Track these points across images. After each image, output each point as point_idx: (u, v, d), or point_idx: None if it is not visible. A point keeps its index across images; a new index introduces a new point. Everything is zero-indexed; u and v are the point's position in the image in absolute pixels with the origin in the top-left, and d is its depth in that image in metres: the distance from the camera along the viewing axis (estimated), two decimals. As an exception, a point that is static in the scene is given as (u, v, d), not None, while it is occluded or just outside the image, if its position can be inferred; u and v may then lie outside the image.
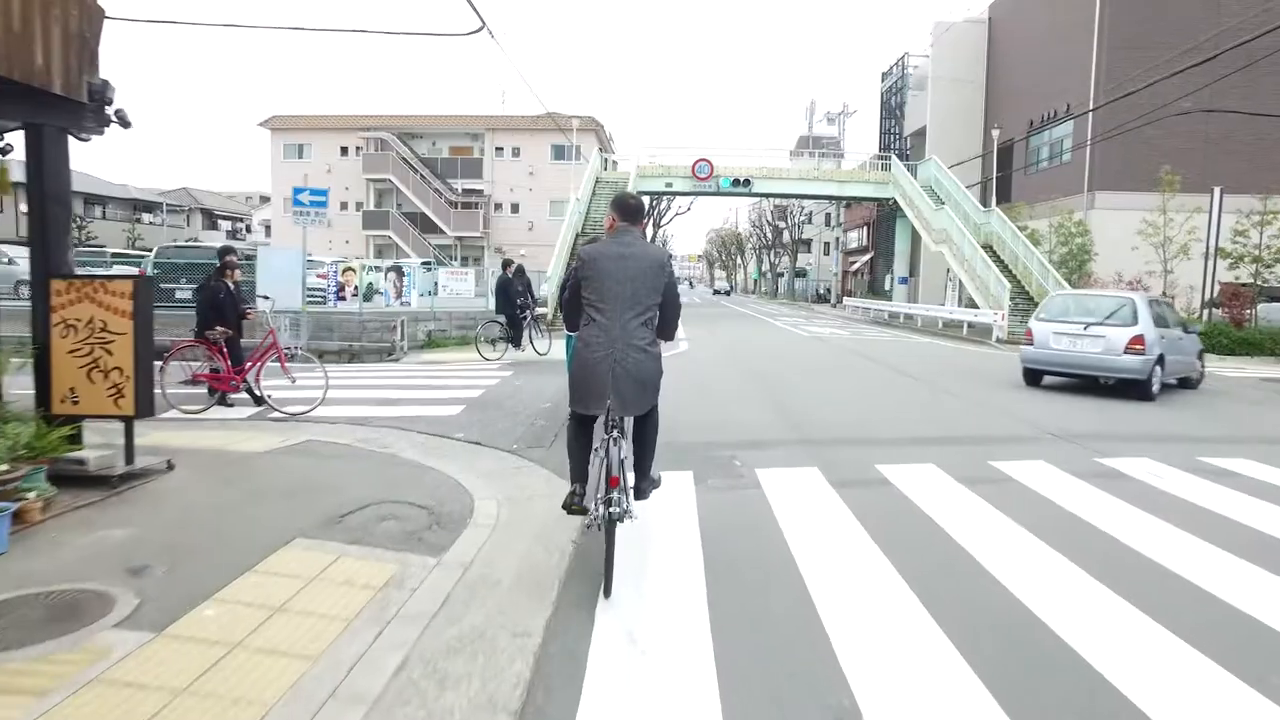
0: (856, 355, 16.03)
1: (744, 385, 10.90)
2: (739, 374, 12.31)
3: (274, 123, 46.30)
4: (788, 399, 9.66)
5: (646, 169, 32.20)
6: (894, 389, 11.00)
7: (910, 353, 17.28)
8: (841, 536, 4.51)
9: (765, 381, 11.41)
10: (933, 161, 30.96)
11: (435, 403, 9.01)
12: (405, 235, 44.70)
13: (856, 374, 12.82)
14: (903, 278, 32.88)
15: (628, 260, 3.78)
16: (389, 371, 12.52)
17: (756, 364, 13.91)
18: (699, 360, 14.08)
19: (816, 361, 14.75)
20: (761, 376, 12.03)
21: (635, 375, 3.69)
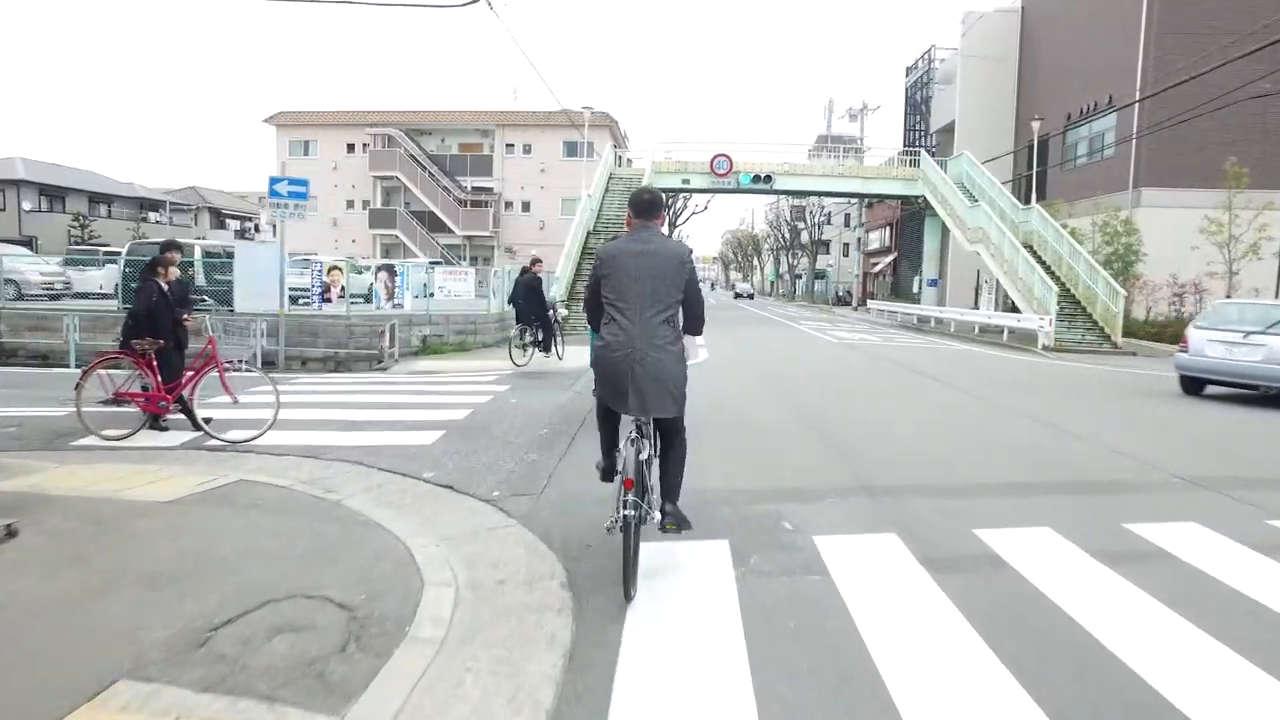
0: (898, 366, 14.44)
1: (778, 406, 9.35)
2: (770, 390, 10.76)
3: (280, 119, 45.16)
4: (834, 426, 8.10)
5: (662, 165, 30.68)
6: (960, 412, 9.39)
7: (955, 363, 15.68)
8: (961, 666, 2.96)
9: (802, 401, 9.86)
10: (964, 157, 29.29)
11: (411, 426, 7.52)
12: (413, 234, 43.42)
13: (907, 391, 11.24)
14: (932, 279, 31.21)
15: (647, 257, 3.69)
16: (371, 383, 11.06)
17: (788, 377, 12.36)
18: (722, 373, 12.55)
19: (856, 375, 13.18)
20: (797, 394, 10.49)
21: (655, 374, 3.61)
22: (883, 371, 13.59)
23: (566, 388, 10.18)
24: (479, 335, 16.32)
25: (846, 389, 11.22)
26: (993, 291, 24.34)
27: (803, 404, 9.53)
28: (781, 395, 10.27)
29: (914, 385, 11.80)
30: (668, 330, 3.67)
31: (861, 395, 10.55)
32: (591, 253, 22.96)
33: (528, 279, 13.59)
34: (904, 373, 13.38)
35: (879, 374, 13.21)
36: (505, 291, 17.78)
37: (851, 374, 13.25)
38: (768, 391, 10.62)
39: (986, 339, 21.96)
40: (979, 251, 24.40)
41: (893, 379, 12.55)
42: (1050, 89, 33.23)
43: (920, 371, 13.50)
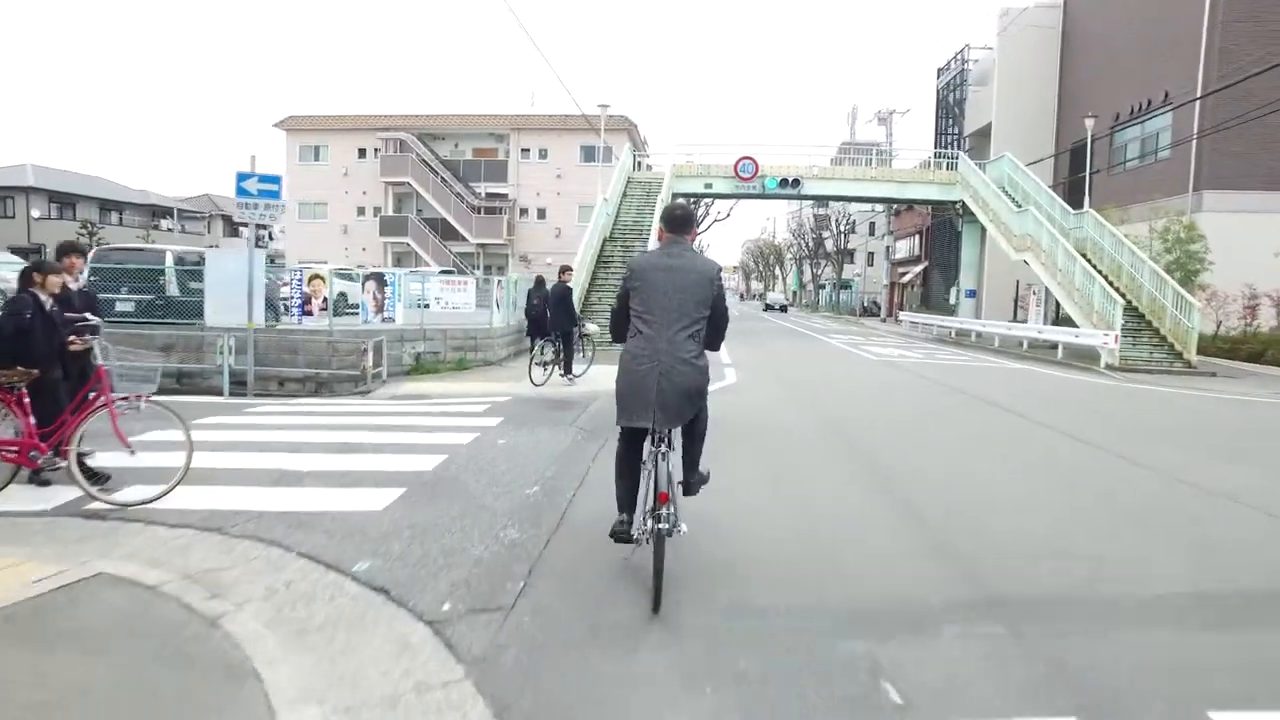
0: (957, 392, 12.62)
1: (832, 455, 7.60)
2: (817, 430, 9.00)
3: (289, 123, 44.04)
4: (912, 484, 6.30)
5: (683, 169, 29.02)
6: (1063, 460, 7.51)
7: (1019, 387, 13.84)
8: None
9: (861, 445, 8.08)
10: (1006, 159, 27.39)
11: (365, 480, 5.85)
12: (425, 242, 42.07)
13: (985, 428, 9.44)
14: (970, 290, 29.27)
15: (676, 272, 3.77)
16: (343, 412, 9.42)
17: (834, 408, 10.59)
18: (754, 403, 10.81)
19: (914, 404, 11.38)
20: (851, 435, 8.71)
21: (681, 388, 3.66)
22: (942, 399, 11.78)
23: (571, 423, 8.48)
24: (480, 352, 14.69)
25: (907, 425, 9.43)
26: (1041, 304, 22.42)
27: (862, 449, 7.76)
28: (832, 437, 8.52)
29: (988, 420, 9.99)
30: (693, 345, 3.73)
31: (929, 434, 8.76)
32: (608, 261, 21.32)
33: (558, 289, 12.13)
34: (968, 401, 11.57)
35: (939, 402, 11.41)
36: (512, 303, 16.21)
37: (907, 403, 11.45)
38: (813, 431, 8.87)
39: (1037, 355, 20.05)
40: (1027, 260, 22.48)
41: (959, 410, 10.74)
42: (1095, 88, 31.25)
43: (986, 399, 11.68)
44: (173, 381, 12.76)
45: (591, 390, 11.59)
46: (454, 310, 14.47)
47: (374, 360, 12.15)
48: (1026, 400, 11.73)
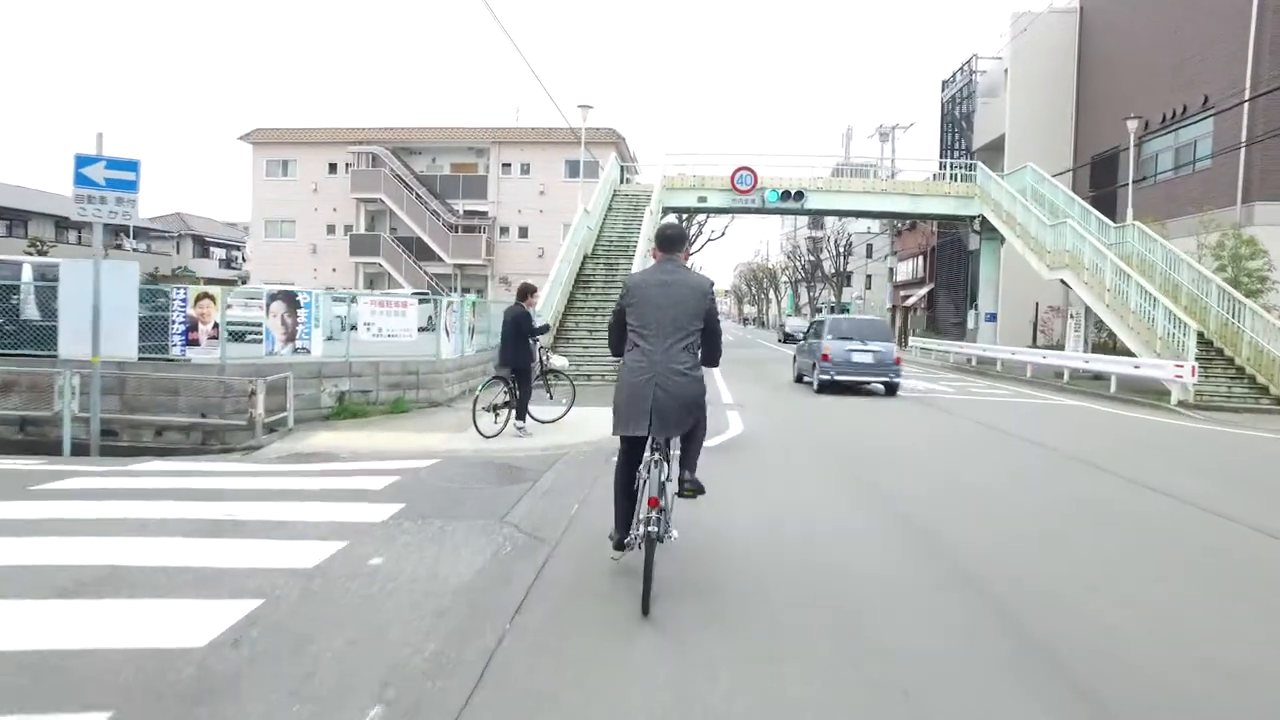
0: (1032, 446, 9.85)
1: (897, 554, 4.82)
2: (861, 510, 6.20)
3: (256, 136, 41.36)
4: (1051, 630, 3.51)
5: (674, 180, 26.41)
6: (1256, 573, 4.79)
7: (1099, 433, 11.10)
8: None
9: (936, 539, 5.28)
10: (1029, 170, 24.91)
11: (70, 679, 2.96)
12: (398, 262, 39.31)
13: (1099, 507, 6.64)
14: (990, 314, 26.62)
15: (670, 288, 3.98)
16: (178, 490, 6.51)
17: (886, 479, 7.77)
18: (767, 463, 8.02)
19: (977, 462, 8.59)
20: (916, 519, 5.90)
21: (677, 397, 3.86)
22: (1012, 455, 9.00)
23: (505, 513, 5.63)
24: (423, 390, 11.85)
25: (982, 497, 6.62)
26: (1080, 327, 19.77)
27: (943, 548, 4.94)
28: (886, 520, 5.69)
29: (1088, 486, 7.20)
30: (688, 356, 3.94)
31: (1025, 520, 5.94)
32: (588, 280, 18.61)
33: (513, 314, 9.33)
34: (1050, 459, 8.79)
35: (1012, 460, 8.62)
36: (468, 329, 13.44)
37: (968, 460, 8.65)
38: (856, 509, 6.05)
39: (1082, 388, 17.34)
40: (1064, 280, 19.87)
41: (1042, 471, 7.95)
42: (1118, 95, 28.90)
43: (1074, 455, 8.90)
44: (15, 431, 9.87)
45: (556, 445, 8.77)
46: (390, 339, 11.63)
47: (268, 404, 9.29)
48: (1123, 456, 8.96)
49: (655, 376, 3.83)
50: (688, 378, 3.90)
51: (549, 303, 15.88)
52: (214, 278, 50.07)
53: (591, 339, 16.58)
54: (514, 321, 9.27)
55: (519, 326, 9.23)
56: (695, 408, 3.99)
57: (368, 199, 40.13)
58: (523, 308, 9.32)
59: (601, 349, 16.02)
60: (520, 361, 9.32)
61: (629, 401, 3.90)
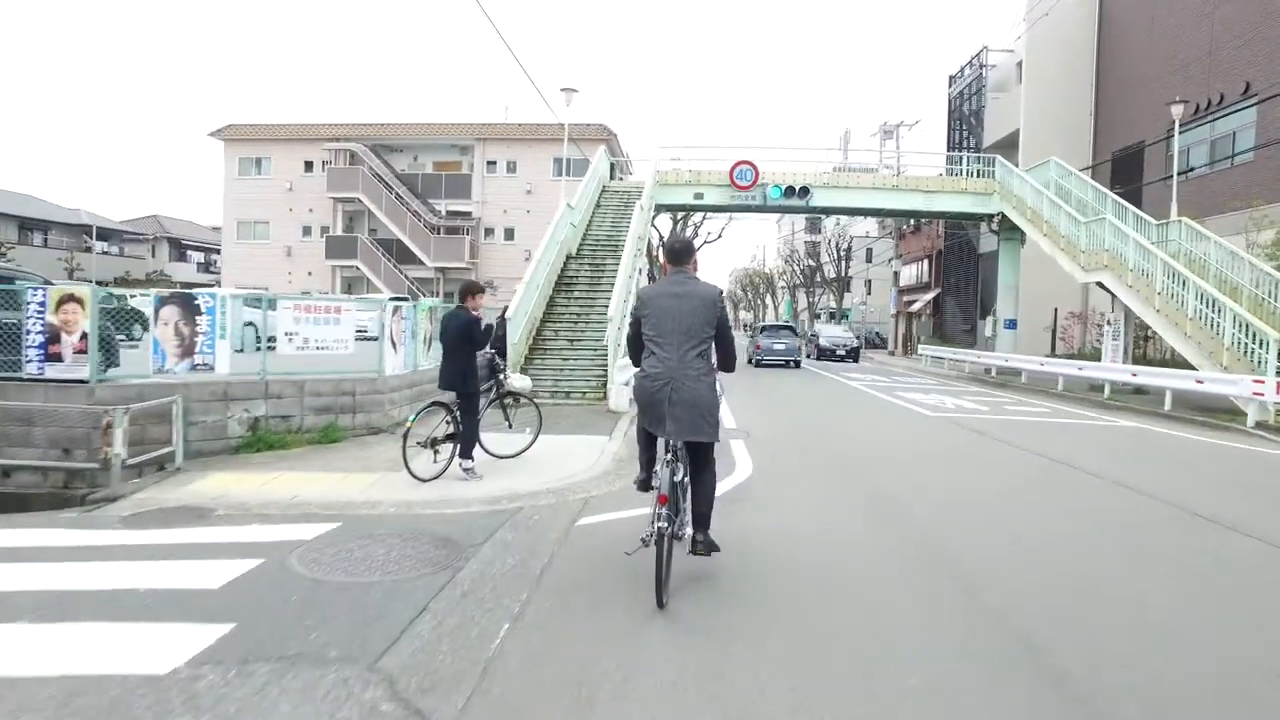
0: (1106, 484, 7.76)
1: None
2: (949, 619, 4.06)
3: (228, 133, 39.20)
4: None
5: (668, 176, 24.35)
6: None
7: (1179, 465, 9.00)
8: None
9: (1077, 679, 3.16)
10: (1052, 163, 22.89)
11: None
12: (376, 266, 37.17)
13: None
14: (1010, 320, 24.57)
15: (682, 299, 4.22)
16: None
17: (947, 539, 5.67)
18: (792, 535, 5.92)
19: (1073, 527, 6.46)
20: (1022, 629, 3.78)
21: (690, 401, 4.09)
22: (1104, 506, 6.89)
23: (377, 654, 3.47)
24: (362, 414, 9.73)
25: (1099, 587, 4.50)
26: (1118, 336, 17.72)
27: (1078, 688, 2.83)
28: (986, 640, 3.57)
29: (1250, 567, 5.10)
30: (701, 363, 4.18)
31: (1202, 651, 3.84)
32: (570, 283, 16.54)
33: (458, 320, 7.25)
34: (1144, 507, 6.68)
35: (1111, 515, 6.50)
36: (419, 338, 11.34)
37: (1054, 517, 6.54)
38: (938, 616, 3.92)
39: (1128, 405, 15.30)
40: (1102, 282, 17.83)
41: (1161, 537, 5.84)
42: (1143, 87, 27.00)
43: (1169, 500, 6.80)
44: None
45: (510, 493, 6.67)
46: (320, 351, 9.51)
47: (154, 436, 7.18)
48: (1242, 504, 6.87)
49: (670, 382, 4.11)
50: (701, 383, 4.15)
51: (522, 308, 13.78)
52: (191, 282, 47.89)
53: (573, 350, 14.47)
54: (457, 331, 7.19)
55: (463, 336, 7.15)
56: (708, 413, 4.16)
57: (345, 199, 37.99)
58: (468, 312, 7.23)
59: (584, 361, 13.93)
60: (466, 383, 7.23)
61: (647, 406, 4.22)
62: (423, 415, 7.23)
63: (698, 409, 4.10)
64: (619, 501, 6.50)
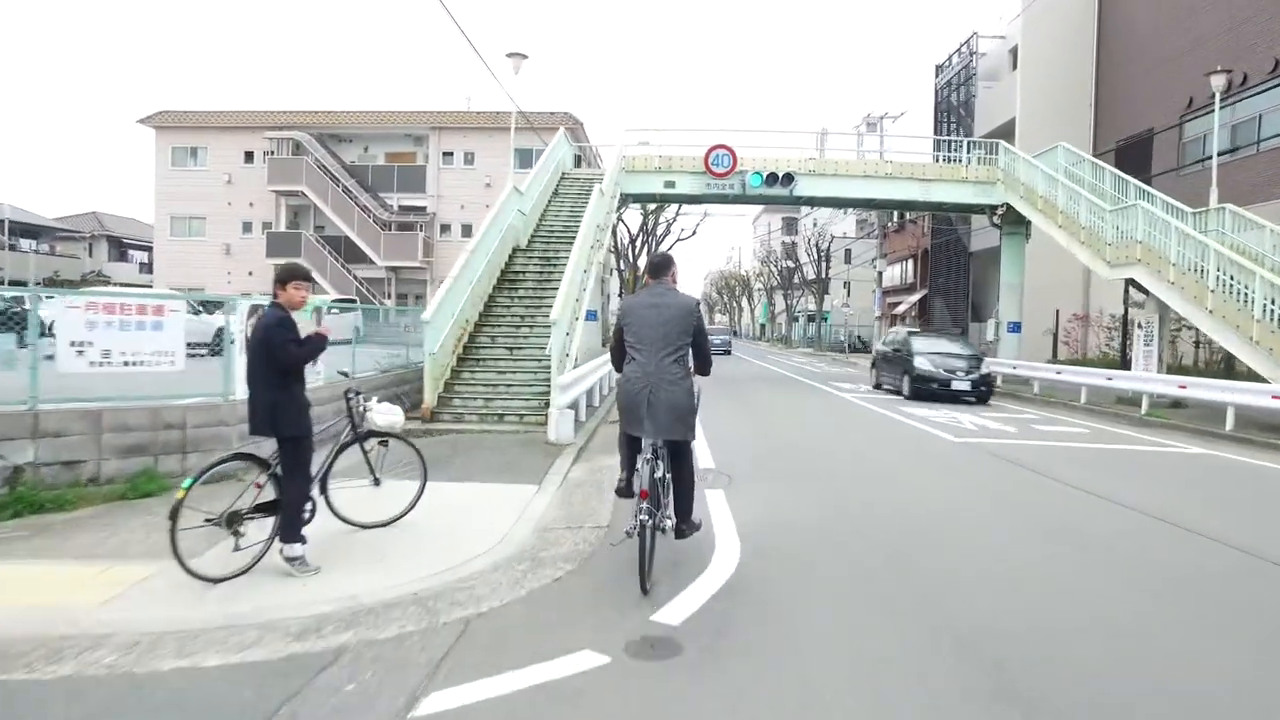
0: (1239, 554, 5.24)
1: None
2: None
3: (160, 119, 36.01)
4: None
5: (636, 162, 21.74)
6: None
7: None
8: None
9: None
10: (1061, 149, 20.62)
11: None
12: (322, 265, 34.13)
13: None
14: (1014, 323, 22.25)
15: (661, 309, 4.57)
16: None
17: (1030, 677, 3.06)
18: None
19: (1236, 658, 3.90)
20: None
21: (668, 404, 4.44)
22: (1255, 605, 4.36)
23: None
24: (200, 452, 7.00)
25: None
26: (1152, 340, 15.38)
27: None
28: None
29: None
30: (678, 368, 4.53)
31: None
32: (516, 280, 13.86)
33: (264, 322, 4.51)
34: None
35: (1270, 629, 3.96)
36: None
37: (1198, 633, 3.98)
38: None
39: (1174, 422, 12.95)
40: (1134, 280, 15.48)
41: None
42: (1151, 71, 24.87)
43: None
44: None
45: (349, 609, 4.03)
46: (132, 368, 6.75)
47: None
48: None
49: (649, 386, 4.44)
50: (678, 387, 4.49)
51: (445, 308, 11.05)
52: (131, 283, 44.45)
53: (512, 361, 11.78)
54: (255, 340, 4.53)
55: (263, 348, 4.47)
56: (686, 413, 4.52)
57: (288, 192, 34.97)
58: (281, 310, 4.56)
59: (525, 375, 11.26)
60: (277, 422, 4.57)
61: (627, 408, 4.53)
62: (212, 475, 4.53)
63: (675, 411, 4.46)
64: (532, 629, 3.89)
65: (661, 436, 4.44)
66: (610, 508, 6.33)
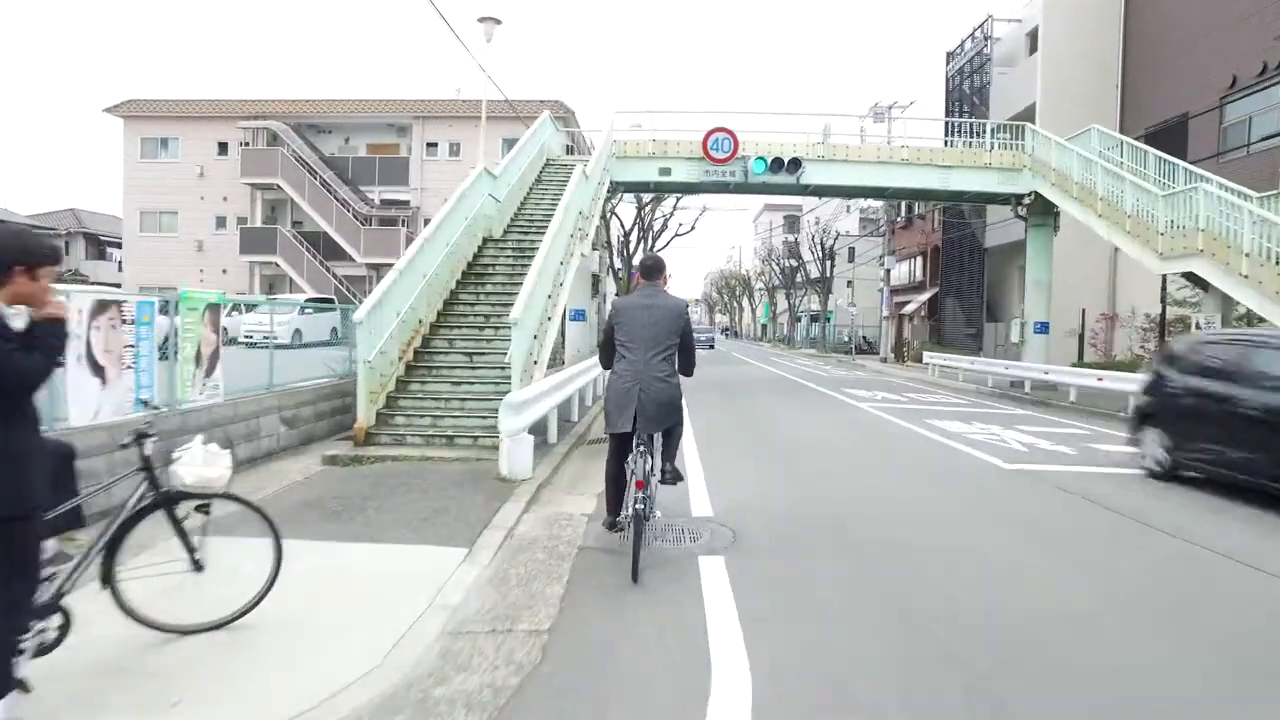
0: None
1: None
2: None
3: (129, 109, 34.10)
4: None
5: (628, 147, 19.86)
6: None
7: None
8: None
9: None
10: (1094, 132, 18.75)
11: None
12: (298, 262, 32.34)
13: None
14: (1041, 324, 20.33)
15: (651, 309, 4.80)
16: None
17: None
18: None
19: None
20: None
21: (656, 399, 4.64)
22: None
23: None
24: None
25: None
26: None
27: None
28: None
29: None
30: (666, 366, 4.74)
31: None
32: (484, 275, 11.95)
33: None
34: None
35: None
36: (182, 356, 6.73)
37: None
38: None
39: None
40: (1193, 273, 13.57)
41: None
42: (1185, 51, 22.95)
43: None
44: None
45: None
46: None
47: None
48: None
49: (639, 383, 4.62)
50: (666, 384, 4.70)
51: (388, 305, 9.10)
52: (112, 282, 42.57)
53: (471, 369, 9.85)
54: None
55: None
56: (673, 409, 4.76)
57: (263, 185, 33.09)
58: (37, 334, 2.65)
59: (487, 387, 9.34)
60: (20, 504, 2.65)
61: (617, 404, 4.68)
62: None
63: (664, 406, 4.68)
64: None
65: (652, 430, 4.67)
66: (562, 589, 4.41)
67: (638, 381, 4.61)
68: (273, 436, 8.15)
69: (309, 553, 4.76)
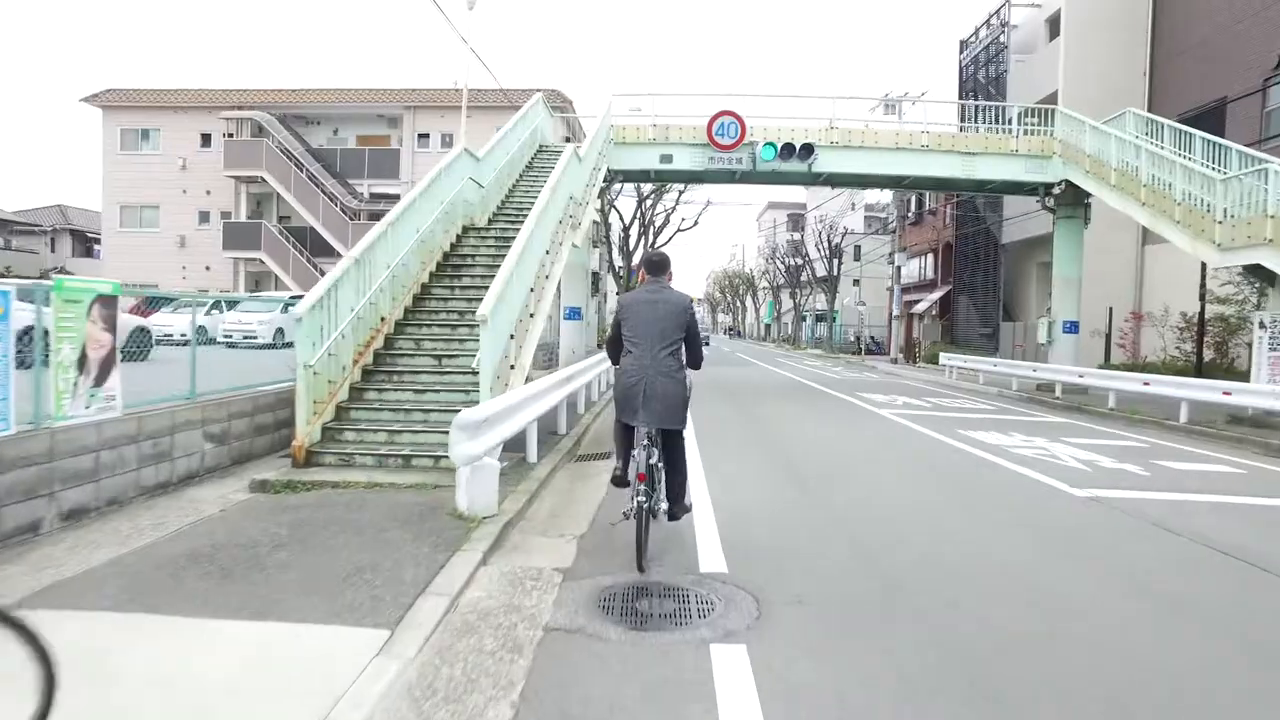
0: None
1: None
2: None
3: (108, 99, 32.69)
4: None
5: (626, 132, 18.45)
6: None
7: None
8: None
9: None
10: (1130, 115, 17.28)
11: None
12: (284, 258, 30.96)
13: None
14: (1070, 323, 18.90)
15: (657, 305, 4.80)
16: None
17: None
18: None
19: None
20: None
21: (662, 395, 4.63)
22: None
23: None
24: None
25: None
26: (1274, 344, 12.06)
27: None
28: None
29: None
30: (673, 361, 4.72)
31: None
32: (462, 267, 10.49)
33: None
34: None
35: None
36: (42, 357, 5.25)
37: None
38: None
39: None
40: (1263, 264, 12.11)
41: None
42: (1221, 30, 21.50)
43: None
44: None
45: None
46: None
47: None
48: None
49: (645, 378, 4.62)
50: (673, 379, 4.68)
51: (336, 301, 7.70)
52: (102, 280, 41.21)
53: (439, 375, 8.45)
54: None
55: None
56: (679, 405, 4.70)
57: (247, 178, 31.70)
58: None
59: (454, 395, 7.93)
60: None
61: (624, 398, 4.69)
62: None
63: (668, 401, 4.63)
64: None
65: (655, 425, 4.63)
66: (511, 710, 3.00)
67: (644, 376, 4.61)
68: (194, 456, 6.75)
69: (146, 642, 3.36)
